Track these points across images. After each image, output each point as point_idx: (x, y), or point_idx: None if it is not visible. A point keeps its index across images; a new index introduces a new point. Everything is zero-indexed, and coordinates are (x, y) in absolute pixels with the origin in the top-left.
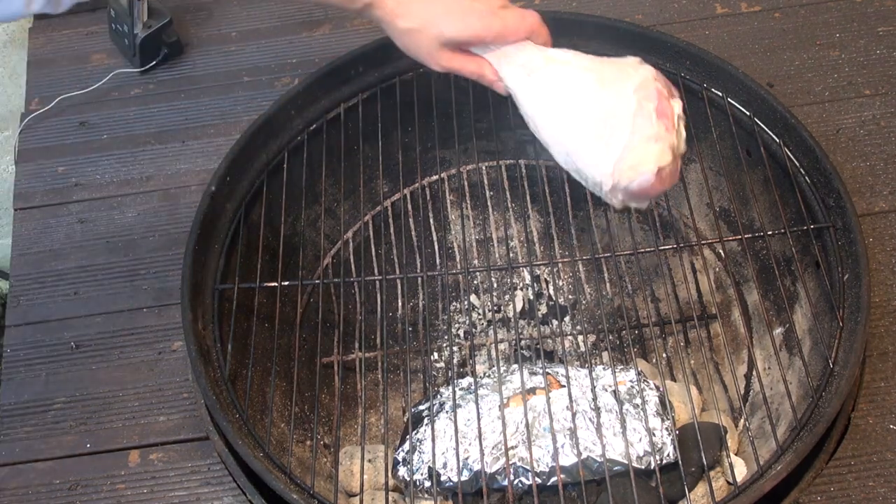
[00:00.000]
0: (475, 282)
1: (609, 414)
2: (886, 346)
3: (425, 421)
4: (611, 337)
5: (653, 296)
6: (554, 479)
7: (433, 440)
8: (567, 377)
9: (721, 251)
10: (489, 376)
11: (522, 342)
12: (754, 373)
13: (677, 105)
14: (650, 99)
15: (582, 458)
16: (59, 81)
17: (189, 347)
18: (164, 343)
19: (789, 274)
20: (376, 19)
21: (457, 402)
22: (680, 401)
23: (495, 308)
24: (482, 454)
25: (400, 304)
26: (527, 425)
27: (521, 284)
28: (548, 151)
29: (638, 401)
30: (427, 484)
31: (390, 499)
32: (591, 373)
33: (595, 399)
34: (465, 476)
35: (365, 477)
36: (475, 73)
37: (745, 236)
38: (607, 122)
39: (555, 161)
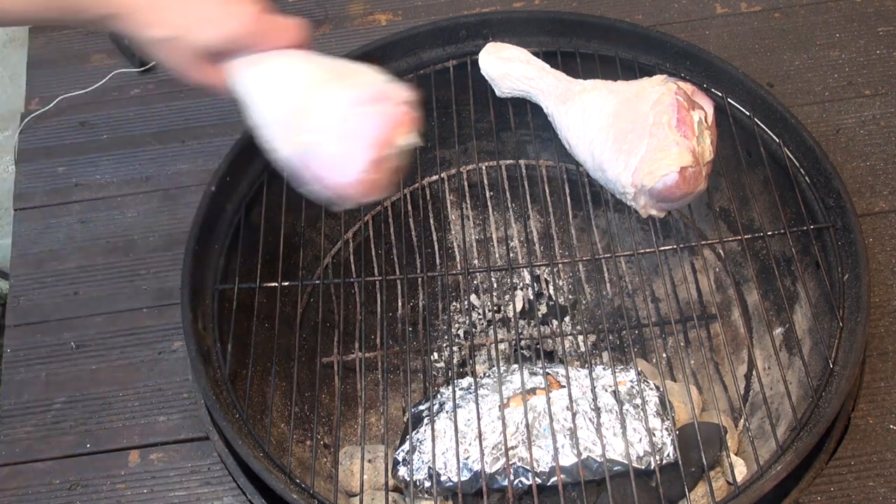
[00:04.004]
0: (475, 282)
1: (609, 414)
2: (886, 346)
3: (425, 421)
4: (611, 337)
5: (653, 296)
6: (554, 479)
7: (433, 440)
8: (567, 377)
9: (721, 251)
10: (489, 376)
11: (522, 342)
12: (754, 373)
13: (699, 115)
14: (667, 112)
15: (582, 458)
16: (59, 81)
17: (189, 347)
18: (164, 343)
19: (789, 274)
20: (122, 31)
21: (457, 402)
22: (680, 401)
23: (495, 308)
24: (482, 454)
25: (400, 304)
26: (527, 425)
27: (521, 284)
28: (549, 153)
29: (638, 401)
30: (427, 484)
31: (390, 499)
32: (591, 373)
33: (595, 399)
34: (465, 476)
35: (365, 477)
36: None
37: (745, 236)
38: (627, 138)
39: (552, 164)
